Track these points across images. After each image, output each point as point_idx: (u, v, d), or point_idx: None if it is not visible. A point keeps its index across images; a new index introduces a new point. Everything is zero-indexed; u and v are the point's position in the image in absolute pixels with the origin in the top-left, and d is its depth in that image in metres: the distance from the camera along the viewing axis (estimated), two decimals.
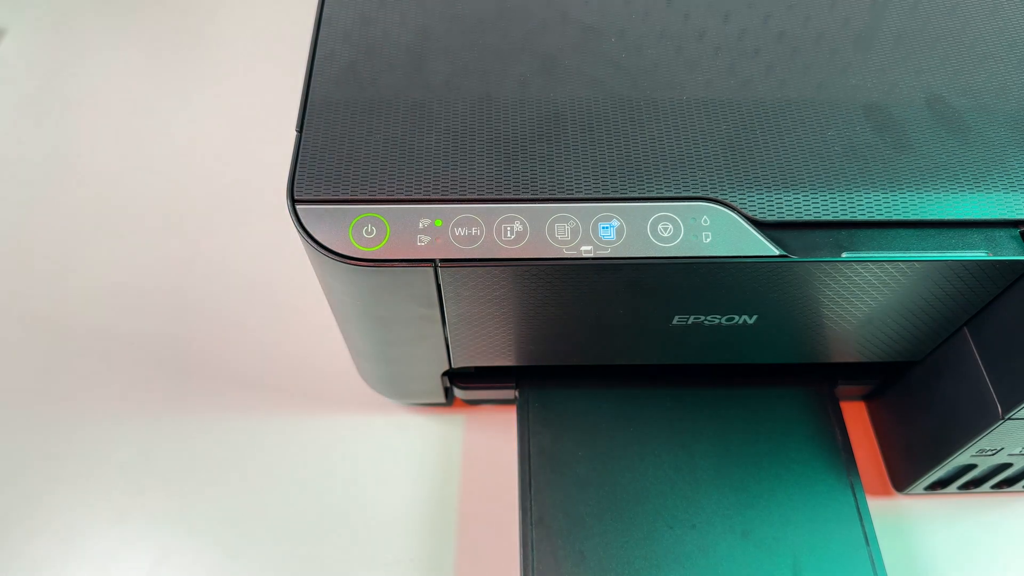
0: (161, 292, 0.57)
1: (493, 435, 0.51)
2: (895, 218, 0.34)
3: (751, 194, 0.34)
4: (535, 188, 0.34)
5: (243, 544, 0.47)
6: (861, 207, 0.34)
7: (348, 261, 0.33)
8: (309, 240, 0.33)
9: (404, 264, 0.33)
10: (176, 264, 0.59)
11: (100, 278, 0.57)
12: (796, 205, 0.34)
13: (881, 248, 0.34)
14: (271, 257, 0.59)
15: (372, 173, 0.34)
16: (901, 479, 0.48)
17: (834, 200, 0.34)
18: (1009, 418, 0.38)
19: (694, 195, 0.34)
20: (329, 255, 0.33)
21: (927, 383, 0.44)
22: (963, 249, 0.34)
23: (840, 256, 0.34)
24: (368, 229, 0.33)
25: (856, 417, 0.52)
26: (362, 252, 0.33)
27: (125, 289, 0.57)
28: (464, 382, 0.49)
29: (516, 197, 0.34)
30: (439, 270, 0.34)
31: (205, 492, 0.49)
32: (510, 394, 0.49)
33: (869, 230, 0.34)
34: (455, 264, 0.33)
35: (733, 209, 0.34)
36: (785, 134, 0.36)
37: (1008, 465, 0.44)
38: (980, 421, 0.39)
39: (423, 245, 0.33)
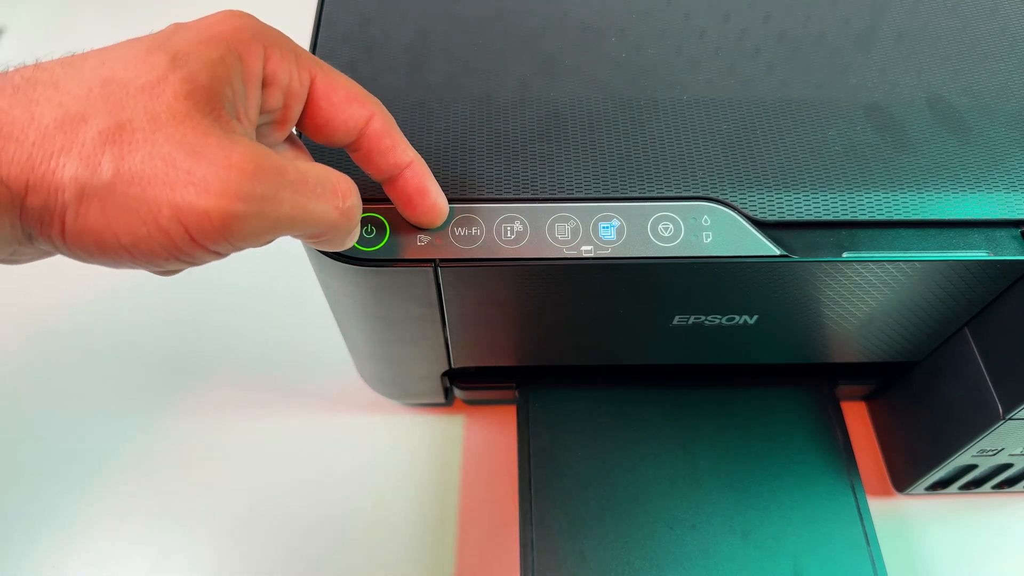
0: (161, 292, 0.57)
1: (493, 435, 0.51)
2: (896, 218, 0.34)
3: (752, 194, 0.34)
4: (535, 188, 0.34)
5: (243, 544, 0.47)
6: (862, 207, 0.34)
7: (348, 261, 0.33)
8: None
9: (404, 264, 0.33)
10: None
11: (100, 278, 0.57)
12: (797, 205, 0.34)
13: (882, 248, 0.34)
14: (271, 257, 0.58)
15: None
16: (902, 479, 0.48)
17: (835, 200, 0.34)
18: (1010, 418, 0.38)
19: (694, 195, 0.34)
20: (329, 255, 0.33)
21: (928, 383, 0.44)
22: (964, 249, 0.34)
23: (841, 256, 0.34)
24: (368, 229, 0.33)
25: (856, 417, 0.52)
26: (362, 252, 0.33)
27: (125, 289, 0.57)
28: (464, 382, 0.49)
29: (516, 197, 0.34)
30: (439, 270, 0.34)
31: (205, 492, 0.49)
32: (510, 394, 0.49)
33: (870, 230, 0.34)
34: (455, 264, 0.33)
35: (734, 209, 0.34)
36: (786, 134, 0.36)
37: (1009, 465, 0.44)
38: (981, 421, 0.39)
39: (423, 245, 0.33)
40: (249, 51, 0.25)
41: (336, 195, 0.26)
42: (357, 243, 0.33)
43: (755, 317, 0.38)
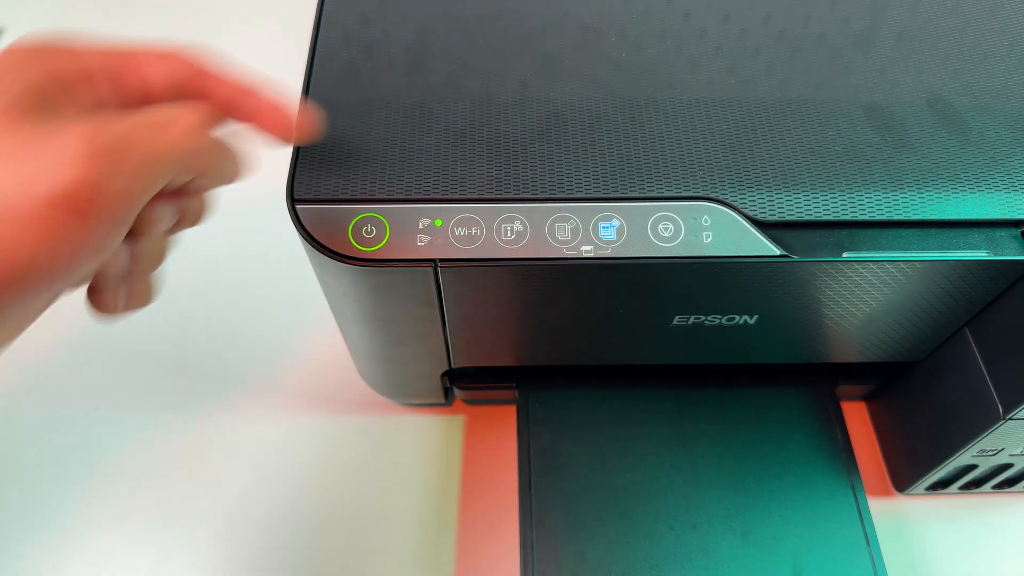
0: (160, 292, 0.57)
1: (493, 435, 0.51)
2: (896, 218, 0.34)
3: (752, 194, 0.34)
4: (535, 188, 0.34)
5: (243, 544, 0.47)
6: (862, 207, 0.34)
7: (348, 261, 0.33)
8: (309, 240, 0.33)
9: (404, 264, 0.33)
10: (175, 264, 0.58)
11: None
12: (797, 205, 0.34)
13: (882, 248, 0.34)
14: (271, 257, 0.59)
15: (372, 173, 0.34)
16: (902, 479, 0.48)
17: (835, 200, 0.34)
18: (1010, 418, 0.38)
19: (695, 195, 0.34)
20: (329, 255, 0.33)
21: (928, 383, 0.44)
22: (964, 249, 0.34)
23: (841, 256, 0.34)
24: (368, 229, 0.33)
25: (856, 417, 0.52)
26: (362, 252, 0.33)
27: None
28: (464, 382, 0.49)
29: (516, 197, 0.34)
30: (439, 270, 0.34)
31: (205, 492, 0.49)
32: (510, 394, 0.49)
33: (870, 230, 0.34)
34: (455, 264, 0.33)
35: (734, 209, 0.34)
36: (786, 134, 0.36)
37: (1009, 465, 0.44)
38: (981, 421, 0.39)
39: (423, 245, 0.33)
40: (39, 59, 0.26)
41: (180, 121, 0.27)
42: (357, 243, 0.33)
43: (755, 317, 0.38)
